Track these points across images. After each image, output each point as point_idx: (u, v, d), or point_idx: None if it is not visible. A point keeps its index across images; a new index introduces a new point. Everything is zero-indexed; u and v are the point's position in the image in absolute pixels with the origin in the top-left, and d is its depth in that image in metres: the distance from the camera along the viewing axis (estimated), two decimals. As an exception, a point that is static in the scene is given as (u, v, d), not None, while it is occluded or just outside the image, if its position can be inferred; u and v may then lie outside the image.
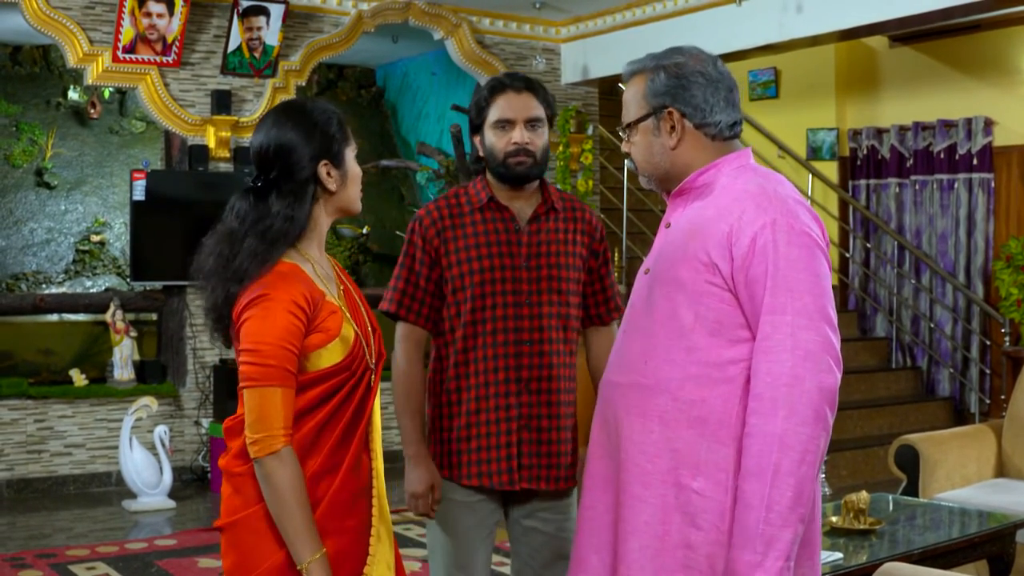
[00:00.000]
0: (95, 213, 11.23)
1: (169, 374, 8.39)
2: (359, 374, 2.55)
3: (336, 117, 2.61)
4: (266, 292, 2.45)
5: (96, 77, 8.07)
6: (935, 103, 9.92)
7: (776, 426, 2.26)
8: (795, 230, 2.34)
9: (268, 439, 2.40)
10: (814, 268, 2.33)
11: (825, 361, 2.29)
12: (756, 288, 2.32)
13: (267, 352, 2.41)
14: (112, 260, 11.17)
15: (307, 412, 2.48)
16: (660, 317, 2.43)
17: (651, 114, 2.51)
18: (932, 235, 9.96)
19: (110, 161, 11.33)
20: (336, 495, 2.50)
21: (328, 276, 2.61)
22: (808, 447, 2.27)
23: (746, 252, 2.33)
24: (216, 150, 8.36)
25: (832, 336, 2.32)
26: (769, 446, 2.26)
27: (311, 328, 2.48)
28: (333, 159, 2.57)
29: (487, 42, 9.65)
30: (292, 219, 2.53)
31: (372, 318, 2.69)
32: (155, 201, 8.17)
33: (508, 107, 3.26)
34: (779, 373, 2.27)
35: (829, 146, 10.57)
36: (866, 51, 10.50)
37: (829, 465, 7.68)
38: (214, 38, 8.42)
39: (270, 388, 2.41)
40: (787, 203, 2.38)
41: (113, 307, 8.14)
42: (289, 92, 8.65)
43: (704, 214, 2.43)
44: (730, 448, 2.34)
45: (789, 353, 2.27)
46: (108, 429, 8.02)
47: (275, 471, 2.40)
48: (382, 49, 11.02)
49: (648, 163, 2.55)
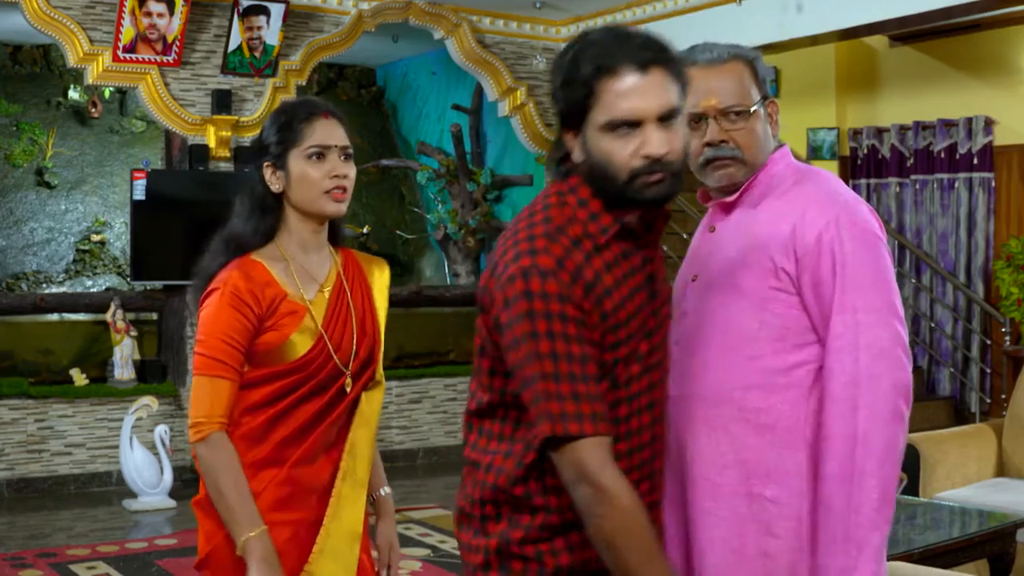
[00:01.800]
0: (95, 213, 11.23)
1: (169, 374, 8.39)
2: (321, 377, 2.57)
3: (286, 115, 2.61)
4: (216, 287, 2.55)
5: (96, 77, 8.07)
6: (935, 102, 9.92)
7: (856, 427, 2.21)
8: (858, 227, 2.30)
9: (200, 425, 2.49)
10: (880, 263, 2.30)
11: (898, 357, 2.25)
12: (823, 289, 2.28)
13: (209, 344, 2.52)
14: (112, 260, 11.17)
15: (261, 406, 2.56)
16: (719, 326, 2.35)
17: (761, 101, 2.44)
18: (932, 234, 9.96)
19: (110, 160, 11.33)
20: (278, 488, 2.54)
21: (311, 276, 2.62)
22: (890, 446, 2.22)
23: (812, 251, 2.28)
24: (216, 150, 8.36)
25: (902, 330, 2.29)
26: (851, 448, 2.21)
27: (265, 327, 2.54)
28: (274, 160, 2.60)
29: (487, 41, 9.65)
30: (246, 219, 2.62)
31: (371, 322, 2.68)
32: (155, 201, 8.17)
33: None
34: (854, 372, 2.23)
35: (829, 145, 10.57)
36: (866, 50, 10.50)
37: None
38: (214, 37, 8.42)
39: (207, 377, 2.51)
40: (845, 199, 2.35)
41: (113, 307, 8.14)
42: (289, 92, 8.65)
43: (759, 219, 2.37)
44: (801, 453, 2.29)
45: (863, 351, 2.23)
46: (108, 429, 8.03)
47: (205, 455, 2.49)
48: (382, 49, 11.02)
49: (761, 151, 2.43)
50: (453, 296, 9.77)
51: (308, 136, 2.58)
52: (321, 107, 2.64)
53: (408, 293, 9.32)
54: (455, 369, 9.44)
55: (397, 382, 9.02)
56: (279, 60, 8.57)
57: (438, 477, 8.57)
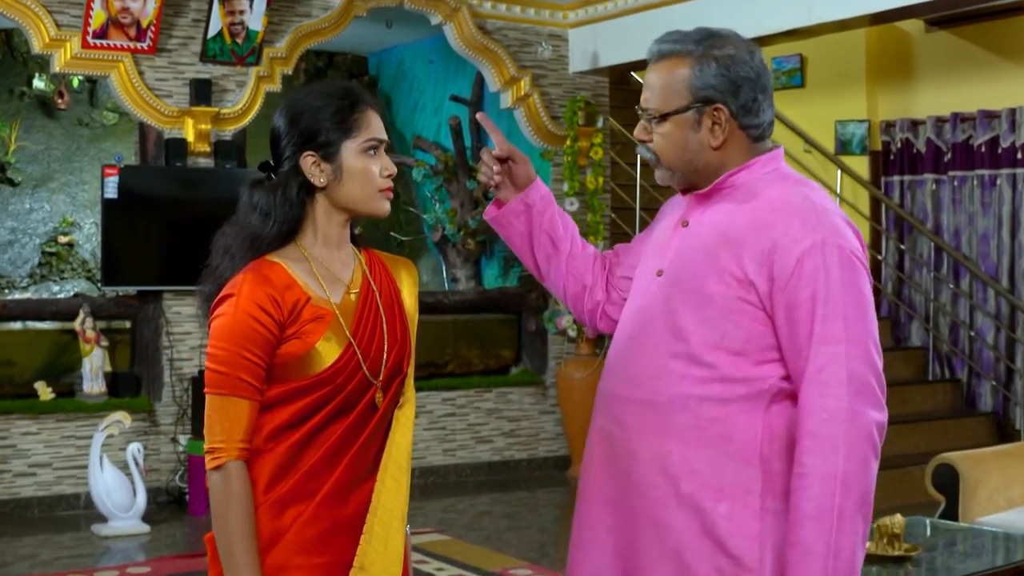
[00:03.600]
0: (63, 212, 11.23)
1: (144, 387, 8.39)
2: (349, 389, 2.49)
3: (339, 102, 2.52)
4: (231, 293, 2.45)
5: (64, 64, 8.08)
6: (975, 92, 9.91)
7: (838, 466, 2.26)
8: (844, 252, 2.35)
9: (217, 451, 2.41)
10: (863, 292, 2.36)
11: (877, 395, 2.32)
12: (798, 314, 2.32)
13: (222, 358, 2.42)
14: (82, 263, 11.17)
15: (286, 428, 2.46)
16: (679, 331, 2.41)
17: (693, 106, 2.45)
18: (972, 235, 9.95)
19: (79, 156, 11.34)
20: (305, 527, 2.45)
21: (335, 277, 2.55)
22: (868, 487, 2.30)
23: (791, 273, 2.33)
24: (195, 144, 8.37)
25: (881, 365, 2.35)
26: (831, 488, 2.26)
27: (287, 335, 2.45)
28: (320, 150, 2.50)
29: (489, 27, 9.66)
30: (267, 215, 2.51)
31: (401, 328, 2.61)
32: (129, 199, 8.17)
33: None
34: (837, 409, 2.28)
35: (860, 139, 10.57)
36: (900, 36, 10.50)
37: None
38: (193, 23, 8.43)
39: (221, 396, 2.42)
40: (834, 220, 2.38)
41: (82, 314, 8.14)
42: (274, 81, 8.66)
43: (737, 221, 2.41)
44: (756, 468, 2.36)
45: (846, 387, 2.29)
46: (76, 447, 8.02)
47: (218, 486, 2.41)
48: (375, 35, 11.02)
49: (678, 159, 2.49)
50: (452, 303, 9.77)
51: (365, 128, 2.53)
52: (367, 96, 2.59)
53: (402, 300, 9.26)
54: (454, 382, 9.44)
55: (390, 396, 8.96)
56: (263, 47, 8.58)
57: (435, 499, 8.57)
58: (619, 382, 2.51)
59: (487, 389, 9.58)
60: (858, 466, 2.27)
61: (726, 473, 2.36)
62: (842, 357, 2.29)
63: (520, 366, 9.93)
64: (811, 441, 2.29)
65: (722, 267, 2.38)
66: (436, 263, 11.49)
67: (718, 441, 2.37)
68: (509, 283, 10.29)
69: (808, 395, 2.31)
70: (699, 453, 2.37)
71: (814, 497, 2.27)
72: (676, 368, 2.40)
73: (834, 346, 2.30)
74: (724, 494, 2.36)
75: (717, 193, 2.48)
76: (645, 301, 2.51)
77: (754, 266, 2.35)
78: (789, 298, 2.33)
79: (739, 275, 2.36)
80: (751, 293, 2.35)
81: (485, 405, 9.54)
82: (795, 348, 2.33)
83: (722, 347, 2.37)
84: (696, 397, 2.38)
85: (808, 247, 2.32)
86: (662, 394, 2.41)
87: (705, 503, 2.36)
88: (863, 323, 2.34)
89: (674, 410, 2.39)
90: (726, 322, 2.36)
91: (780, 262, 2.33)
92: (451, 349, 9.75)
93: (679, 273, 2.45)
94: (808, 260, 2.32)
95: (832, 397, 2.28)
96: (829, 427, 2.27)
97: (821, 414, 2.28)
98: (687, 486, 2.38)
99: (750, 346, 2.36)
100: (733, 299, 2.36)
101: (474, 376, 9.67)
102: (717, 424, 2.37)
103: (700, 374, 2.38)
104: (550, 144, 9.80)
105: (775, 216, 2.38)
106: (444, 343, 9.70)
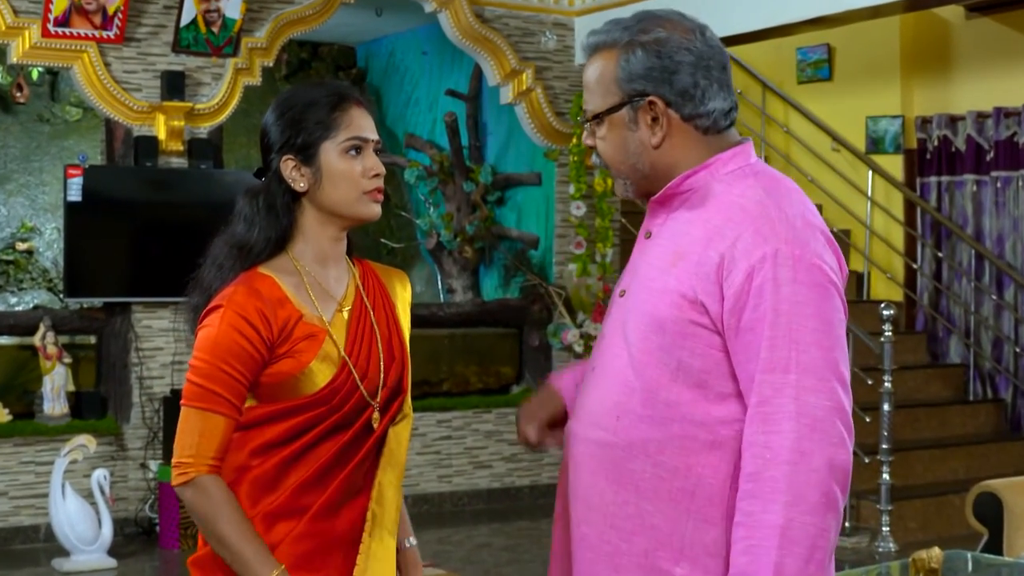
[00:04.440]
0: (21, 216, 11.24)
1: (110, 408, 8.38)
2: (346, 410, 2.57)
3: (322, 101, 2.59)
4: (220, 304, 2.52)
5: (22, 55, 8.08)
6: (1021, 85, 9.91)
7: (777, 515, 2.14)
8: (803, 263, 2.21)
9: (184, 466, 2.49)
10: (825, 313, 2.22)
11: (837, 431, 2.18)
12: (750, 337, 2.21)
13: (203, 371, 2.50)
14: (42, 272, 11.18)
15: (274, 446, 2.54)
16: (636, 361, 2.31)
17: (625, 103, 2.36)
18: (1017, 242, 9.95)
19: (39, 155, 11.35)
20: (296, 544, 2.53)
21: (328, 292, 2.62)
22: (817, 542, 2.15)
23: (739, 291, 2.21)
24: (167, 142, 8.36)
25: (845, 400, 2.21)
26: (768, 540, 2.14)
27: (278, 354, 2.53)
28: (299, 152, 2.57)
29: (487, 15, 9.67)
30: (251, 223, 2.59)
31: (399, 347, 2.69)
32: (94, 202, 8.17)
33: None
34: (779, 447, 2.16)
35: (893, 137, 10.57)
36: (937, 23, 10.50)
37: (895, 516, 7.66)
38: (164, 9, 8.43)
39: (197, 410, 2.50)
40: (794, 226, 2.25)
41: (43, 328, 8.13)
42: (253, 74, 8.66)
43: (690, 233, 2.30)
44: (721, 529, 2.25)
45: (793, 422, 2.16)
46: (36, 474, 8.01)
47: (193, 502, 2.49)
48: (364, 23, 11.03)
49: (623, 163, 2.39)
50: (447, 316, 9.77)
51: (345, 126, 2.58)
52: (353, 93, 2.64)
53: (393, 312, 9.25)
54: (450, 402, 9.43)
55: (380, 418, 8.95)
56: (241, 37, 8.58)
57: (429, 530, 8.55)
58: (577, 419, 2.43)
59: (486, 410, 9.57)
60: (805, 515, 2.14)
61: (686, 532, 2.26)
62: (790, 388, 2.17)
63: (522, 384, 9.92)
64: (750, 484, 2.18)
65: (672, 287, 2.28)
66: (430, 272, 11.49)
67: (679, 496, 2.26)
68: (510, 294, 10.29)
69: (749, 432, 2.20)
70: (658, 507, 2.27)
71: (748, 551, 2.16)
72: (633, 406, 2.30)
73: (781, 375, 2.18)
74: (683, 555, 2.26)
75: (675, 198, 2.37)
76: (607, 327, 2.43)
77: (704, 284, 2.24)
78: (740, 320, 2.22)
79: (690, 295, 2.25)
80: (703, 316, 2.24)
81: (484, 427, 9.53)
82: (747, 378, 2.22)
83: (679, 379, 2.26)
84: (656, 441, 2.27)
85: (758, 259, 2.21)
86: (620, 436, 2.31)
87: (661, 563, 2.27)
88: (821, 348, 2.19)
89: (632, 455, 2.29)
90: (680, 350, 2.26)
91: (729, 279, 2.22)
92: (447, 366, 9.74)
93: (635, 295, 2.36)
94: (757, 274, 2.20)
95: (775, 434, 2.17)
96: (770, 469, 2.16)
97: (763, 453, 2.17)
98: (642, 543, 2.28)
99: (709, 377, 2.25)
100: (685, 323, 2.26)
101: (472, 395, 9.66)
102: (678, 476, 2.26)
103: (658, 414, 2.27)
104: (555, 142, 9.80)
105: (727, 225, 2.26)
106: (439, 360, 9.70)
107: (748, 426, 2.21)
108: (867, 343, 7.99)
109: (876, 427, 7.74)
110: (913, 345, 10.13)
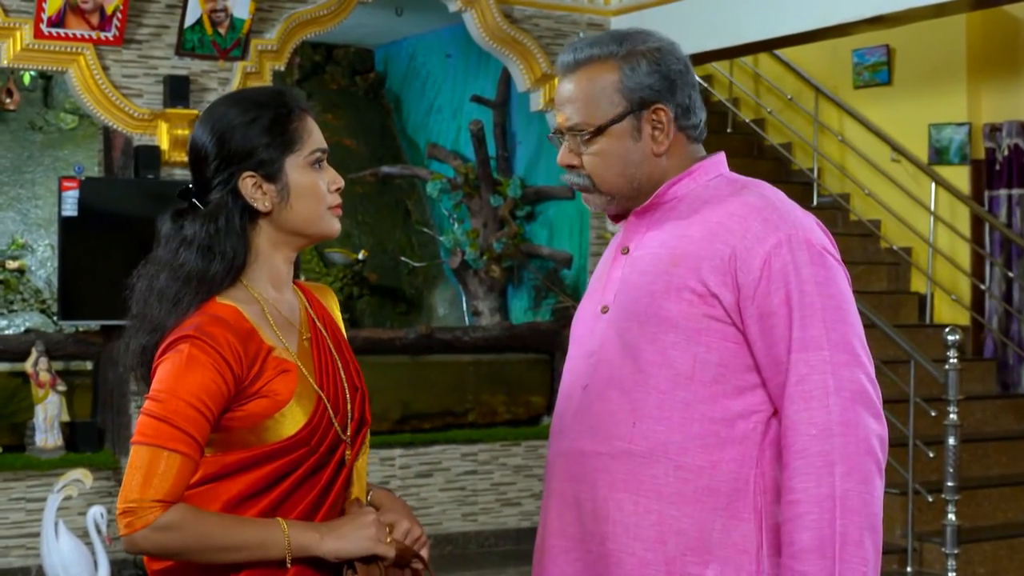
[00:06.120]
0: (12, 232, 11.29)
1: (107, 440, 8.41)
2: (323, 450, 2.52)
3: (273, 112, 2.54)
4: (187, 334, 2.44)
5: (13, 57, 8.12)
6: (1097, 90, 9.89)
7: (834, 487, 2.32)
8: (815, 247, 2.44)
9: (131, 513, 2.39)
10: (844, 291, 2.45)
11: (874, 402, 2.40)
12: (773, 321, 2.40)
13: (169, 405, 2.39)
14: (35, 293, 11.22)
15: (249, 498, 2.47)
16: (644, 365, 2.46)
17: (630, 112, 2.54)
18: (1094, 261, 9.91)
19: (31, 165, 11.40)
20: None
21: (287, 321, 2.57)
22: (873, 508, 2.35)
23: (758, 278, 2.41)
24: (170, 152, 8.39)
25: (872, 369, 2.44)
26: (829, 512, 2.31)
27: (249, 393, 2.45)
28: (260, 169, 2.52)
29: (517, 15, 9.69)
30: (210, 250, 2.51)
31: (356, 373, 2.66)
32: (91, 217, 8.20)
33: None
34: (826, 422, 2.34)
35: (959, 146, 10.54)
36: (1008, 22, 10.48)
37: (961, 561, 7.61)
38: (167, 9, 8.47)
39: (151, 448, 2.39)
40: (796, 215, 2.49)
41: (35, 354, 8.17)
42: (263, 79, 8.68)
43: (688, 234, 2.49)
44: (749, 523, 2.40)
45: (835, 396, 2.36)
46: (27, 511, 8.03)
47: (162, 543, 2.38)
48: (383, 24, 11.07)
49: (620, 176, 2.57)
50: (473, 341, 9.75)
51: (307, 138, 2.55)
52: (302, 100, 2.62)
53: (416, 337, 9.28)
54: (475, 434, 9.42)
55: (402, 450, 8.99)
56: (250, 39, 8.62)
57: (454, 573, 8.54)
58: (580, 436, 2.55)
59: (515, 442, 9.56)
60: (860, 484, 2.33)
61: (714, 531, 2.39)
62: (827, 364, 2.37)
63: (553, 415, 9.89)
64: (798, 460, 2.35)
65: (679, 284, 2.45)
66: (455, 293, 11.50)
67: (704, 495, 2.40)
68: (541, 317, 10.29)
69: (792, 411, 2.37)
70: (683, 510, 2.41)
71: (810, 525, 2.32)
72: (650, 411, 2.45)
73: (816, 352, 2.38)
74: (713, 556, 2.39)
75: (658, 208, 2.57)
76: (593, 344, 2.57)
77: (716, 276, 2.43)
78: (760, 306, 2.41)
79: (700, 289, 2.44)
80: (716, 308, 2.43)
81: (512, 461, 9.52)
82: (774, 362, 2.41)
83: (696, 378, 2.43)
84: (677, 443, 2.42)
85: (773, 245, 2.42)
86: (638, 443, 2.45)
87: (690, 568, 2.39)
88: (846, 324, 2.41)
89: (650, 460, 2.43)
90: (695, 345, 2.43)
91: (744, 267, 2.42)
92: (472, 395, 9.71)
93: (629, 304, 2.52)
94: (775, 259, 2.41)
95: (820, 409, 2.35)
96: (820, 443, 2.34)
97: (810, 429, 2.35)
98: (669, 550, 2.41)
99: (726, 370, 2.43)
100: (698, 317, 2.44)
101: (499, 427, 9.65)
102: (703, 475, 2.41)
103: (676, 415, 2.43)
104: (589, 152, 9.80)
105: (731, 220, 2.47)
106: (464, 388, 9.67)
107: (788, 405, 2.38)
108: (930, 371, 7.93)
109: (940, 463, 7.67)
110: (981, 373, 10.07)
